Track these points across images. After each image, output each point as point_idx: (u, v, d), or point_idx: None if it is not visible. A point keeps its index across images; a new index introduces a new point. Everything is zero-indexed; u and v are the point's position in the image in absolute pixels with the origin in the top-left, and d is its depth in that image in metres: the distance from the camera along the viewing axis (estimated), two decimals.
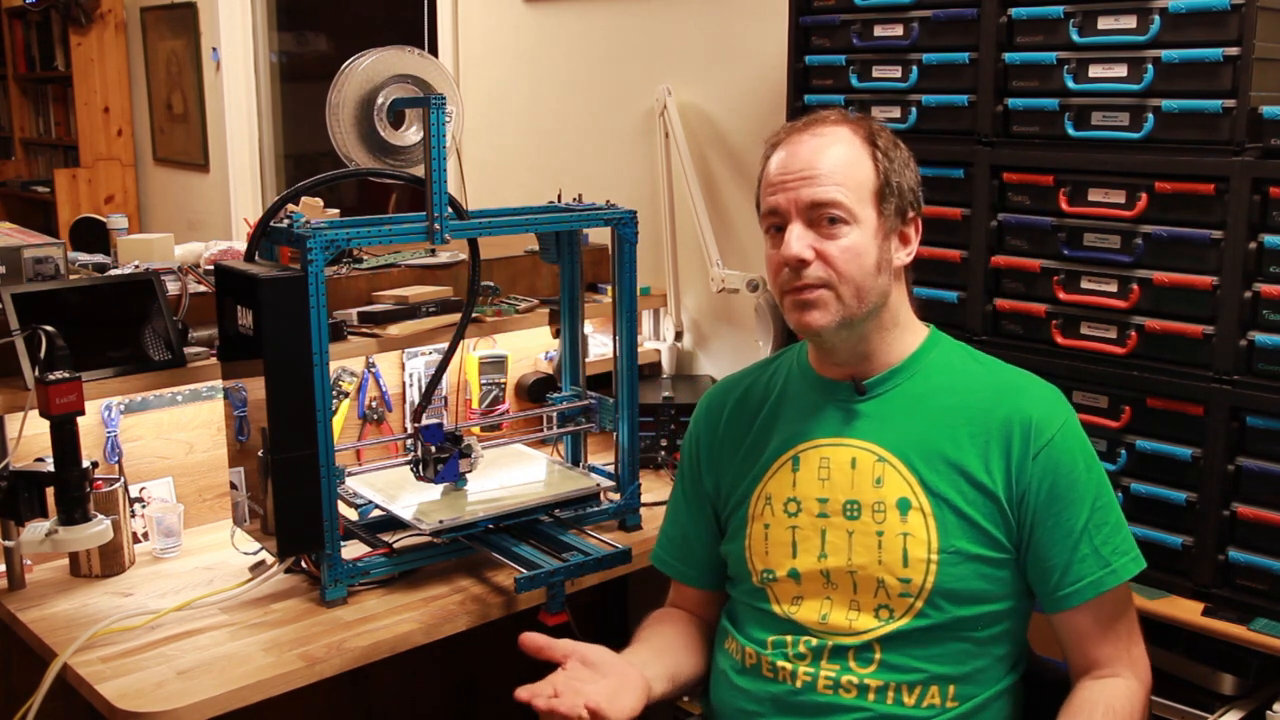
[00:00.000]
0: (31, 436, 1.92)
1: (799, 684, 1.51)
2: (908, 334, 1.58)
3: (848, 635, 1.50)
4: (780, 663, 1.53)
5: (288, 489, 1.85)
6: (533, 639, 1.54)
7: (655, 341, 2.96)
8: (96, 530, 1.81)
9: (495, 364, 2.60)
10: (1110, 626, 1.50)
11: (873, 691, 1.48)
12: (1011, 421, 1.50)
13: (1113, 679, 1.49)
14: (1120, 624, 1.50)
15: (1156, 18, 1.79)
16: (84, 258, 2.57)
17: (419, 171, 2.02)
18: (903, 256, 1.55)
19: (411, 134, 2.20)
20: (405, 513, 2.03)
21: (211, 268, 2.14)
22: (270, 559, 1.99)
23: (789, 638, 1.54)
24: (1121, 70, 1.85)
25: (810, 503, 1.55)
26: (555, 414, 2.34)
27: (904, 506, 1.49)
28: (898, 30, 2.14)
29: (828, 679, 1.50)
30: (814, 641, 1.52)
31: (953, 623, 1.48)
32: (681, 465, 1.75)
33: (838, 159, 1.49)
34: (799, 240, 1.48)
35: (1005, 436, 1.49)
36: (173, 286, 2.24)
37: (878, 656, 1.49)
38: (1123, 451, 1.88)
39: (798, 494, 1.56)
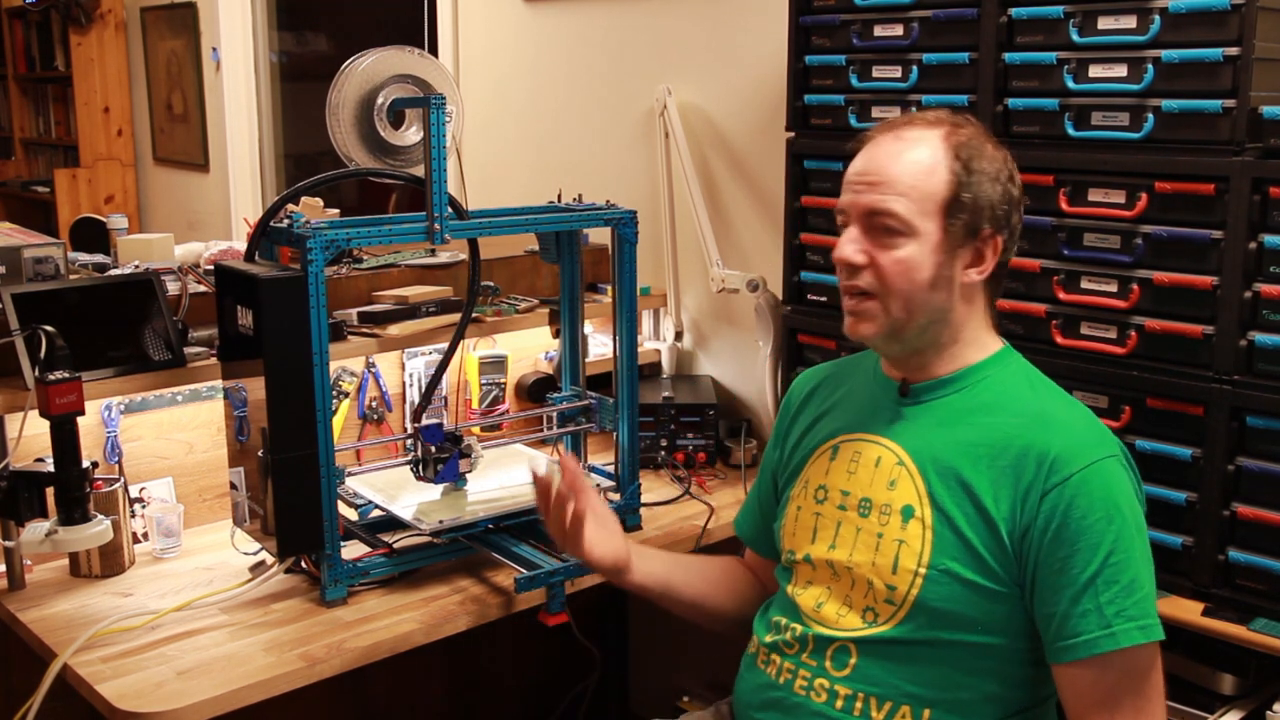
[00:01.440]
0: (31, 436, 1.92)
1: (781, 680, 1.55)
2: (970, 349, 1.54)
3: (833, 629, 1.51)
4: (773, 655, 1.57)
5: (288, 489, 1.85)
6: (567, 462, 1.66)
7: (655, 341, 2.96)
8: (96, 530, 1.81)
9: (495, 364, 2.60)
10: (1111, 696, 1.39)
11: (841, 699, 1.48)
12: (1029, 453, 1.44)
13: None
14: (1124, 697, 1.39)
15: (1156, 18, 1.79)
16: (84, 258, 2.57)
17: (419, 171, 2.02)
18: (973, 275, 1.49)
19: (411, 134, 2.20)
20: (405, 513, 2.03)
21: (211, 268, 2.14)
22: (270, 559, 1.99)
23: (783, 620, 1.58)
24: (1121, 70, 1.85)
25: (835, 493, 1.57)
26: (555, 414, 2.34)
27: (907, 514, 1.49)
28: (898, 30, 2.14)
29: (804, 679, 1.52)
30: (799, 630, 1.55)
31: (934, 642, 1.45)
32: (769, 440, 1.81)
33: (909, 166, 1.46)
34: (852, 244, 1.48)
35: (1018, 467, 1.44)
36: (173, 286, 2.24)
37: (853, 660, 1.49)
38: None
39: (828, 483, 1.59)
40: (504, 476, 2.21)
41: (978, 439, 1.48)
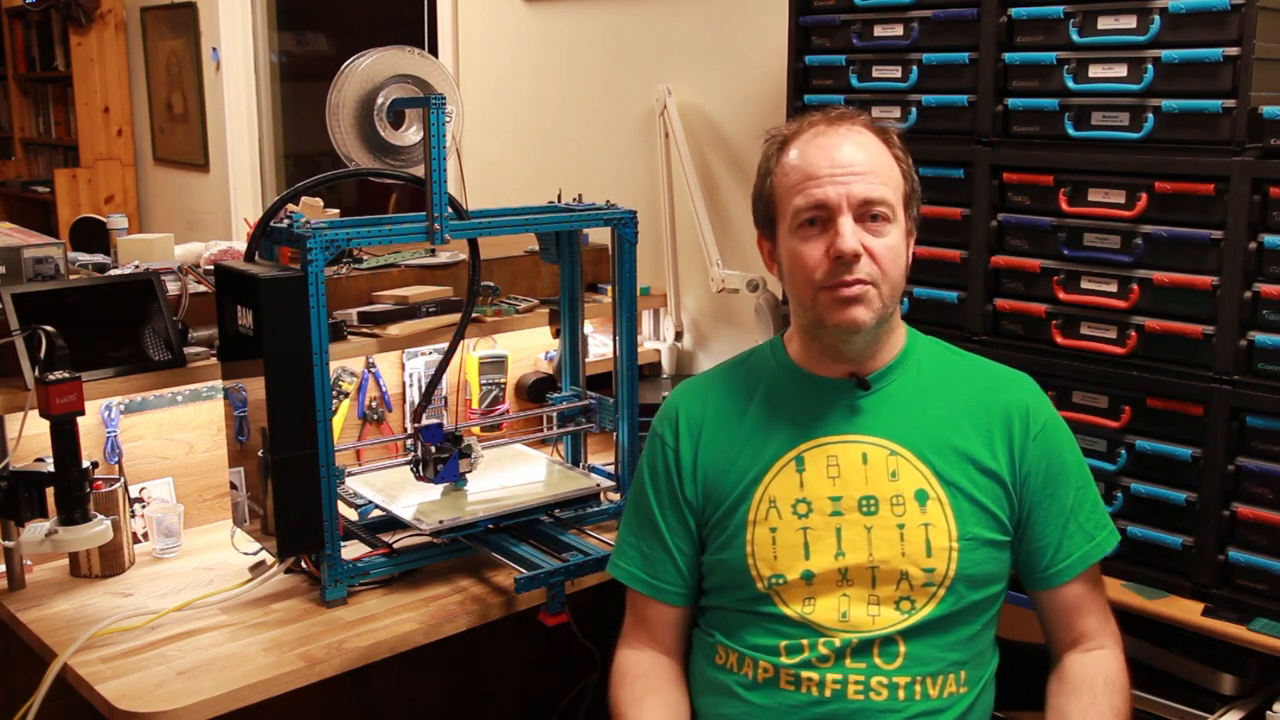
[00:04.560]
0: (31, 436, 1.92)
1: (828, 693, 1.48)
2: (899, 332, 1.60)
3: (870, 631, 1.49)
4: (804, 673, 1.49)
5: (288, 489, 1.85)
6: None
7: (655, 341, 2.96)
8: (96, 530, 1.81)
9: (495, 364, 2.60)
10: (1094, 598, 1.56)
11: (902, 689, 1.48)
12: (1011, 408, 1.55)
13: (1100, 650, 1.54)
14: (1099, 595, 1.58)
15: (1156, 18, 1.79)
16: (84, 258, 2.57)
17: (419, 171, 2.02)
18: (909, 257, 1.57)
19: (411, 134, 2.20)
20: (405, 513, 2.03)
21: (211, 268, 2.14)
22: (270, 559, 1.99)
23: (805, 641, 1.49)
24: (1121, 70, 1.85)
25: (821, 501, 1.53)
26: (555, 414, 2.34)
27: (922, 498, 1.50)
28: (898, 30, 2.14)
29: (857, 683, 1.48)
30: (836, 642, 1.49)
31: (968, 607, 1.51)
32: (653, 476, 1.64)
33: (878, 158, 1.51)
34: (852, 235, 1.47)
35: (1006, 423, 1.54)
36: (173, 286, 2.24)
37: (903, 649, 1.48)
38: (1123, 451, 1.88)
39: (806, 494, 1.53)
40: (504, 476, 2.21)
41: (952, 411, 1.55)
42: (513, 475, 2.23)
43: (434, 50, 3.57)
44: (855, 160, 1.49)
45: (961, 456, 1.52)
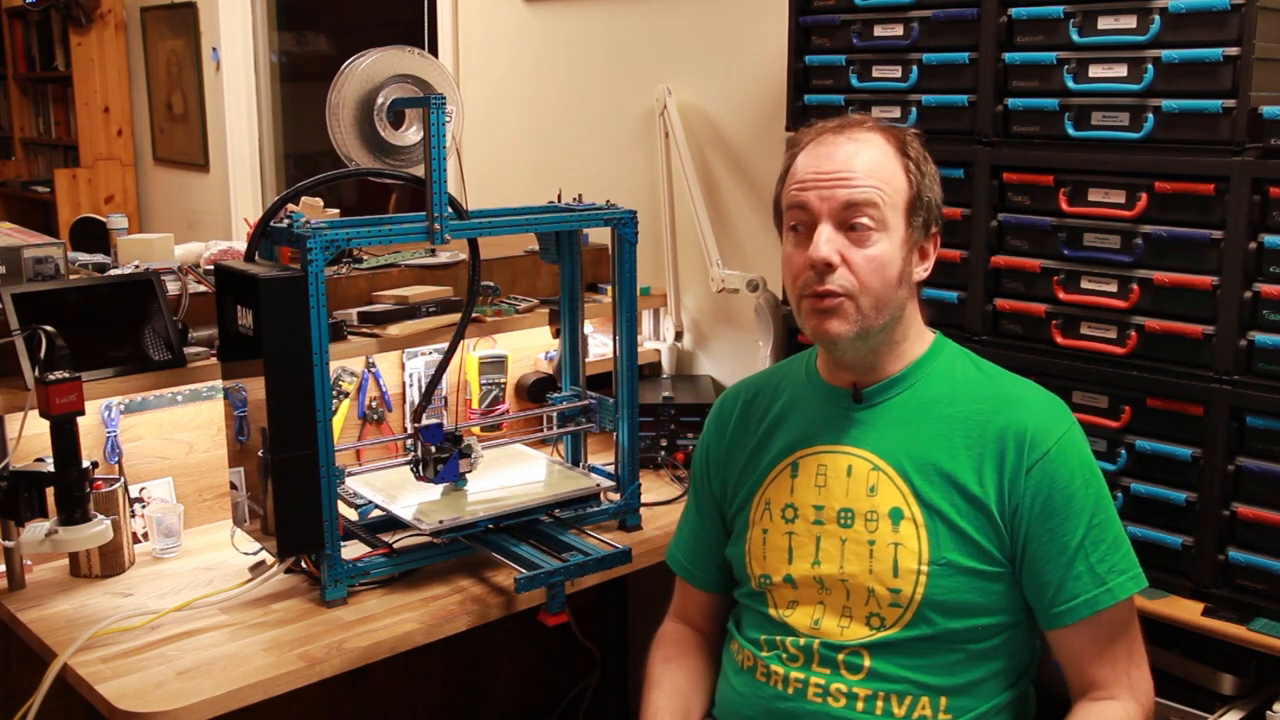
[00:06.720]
0: (31, 436, 1.92)
1: (790, 690, 1.52)
2: (914, 344, 1.57)
3: (838, 640, 1.50)
4: (774, 667, 1.54)
5: (288, 489, 1.85)
6: None
7: (655, 341, 2.96)
8: (96, 530, 1.81)
9: (495, 364, 2.60)
10: (1108, 647, 1.47)
11: (861, 700, 1.48)
12: (1006, 433, 1.48)
13: (1110, 702, 1.46)
14: (1119, 645, 1.48)
15: (1156, 18, 1.80)
16: (84, 258, 2.57)
17: (419, 171, 2.02)
18: (920, 272, 1.54)
19: (411, 134, 2.20)
20: (405, 513, 2.03)
21: (211, 268, 2.14)
22: (270, 559, 1.99)
23: (779, 638, 1.54)
24: (1121, 70, 1.85)
25: (807, 509, 1.55)
26: (555, 414, 2.34)
27: (896, 516, 1.49)
28: (898, 30, 2.14)
29: (817, 686, 1.50)
30: (802, 642, 1.52)
31: (945, 634, 1.47)
32: (694, 466, 1.76)
33: (874, 164, 1.48)
34: (828, 243, 1.45)
35: (1000, 448, 1.48)
36: (173, 286, 2.24)
37: (867, 664, 1.49)
38: (1123, 451, 1.88)
39: (795, 500, 1.56)
40: (504, 476, 2.21)
41: (948, 430, 1.51)
42: (513, 475, 2.23)
43: (434, 50, 3.56)
44: (847, 168, 1.47)
45: (946, 479, 1.48)
